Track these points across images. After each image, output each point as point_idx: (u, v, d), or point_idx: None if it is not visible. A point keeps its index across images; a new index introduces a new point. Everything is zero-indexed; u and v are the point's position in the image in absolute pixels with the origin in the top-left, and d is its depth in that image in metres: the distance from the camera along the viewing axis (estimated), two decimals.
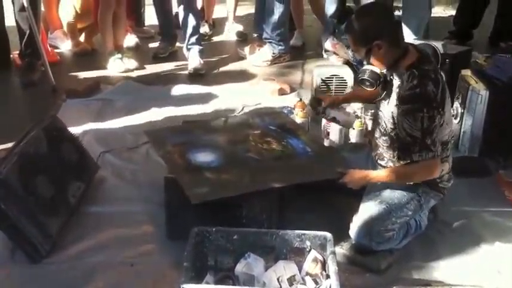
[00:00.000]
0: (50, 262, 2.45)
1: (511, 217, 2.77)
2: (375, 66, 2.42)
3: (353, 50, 2.48)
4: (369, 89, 2.49)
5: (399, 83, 2.38)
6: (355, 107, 3.33)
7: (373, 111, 2.96)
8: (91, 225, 2.70)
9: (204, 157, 2.70)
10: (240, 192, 2.41)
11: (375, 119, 2.64)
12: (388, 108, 2.45)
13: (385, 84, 2.47)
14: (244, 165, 2.63)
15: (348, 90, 3.56)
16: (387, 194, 2.46)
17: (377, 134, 2.57)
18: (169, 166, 2.66)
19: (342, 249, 2.46)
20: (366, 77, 2.43)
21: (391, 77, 2.43)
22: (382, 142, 2.53)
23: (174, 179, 2.52)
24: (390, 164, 2.52)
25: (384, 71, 2.43)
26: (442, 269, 2.40)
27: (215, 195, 2.39)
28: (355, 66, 2.54)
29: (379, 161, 2.59)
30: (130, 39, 5.22)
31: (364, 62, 2.49)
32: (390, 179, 2.45)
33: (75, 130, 3.26)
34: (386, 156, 2.54)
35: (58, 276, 2.37)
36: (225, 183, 2.50)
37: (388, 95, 2.46)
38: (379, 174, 2.50)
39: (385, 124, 2.48)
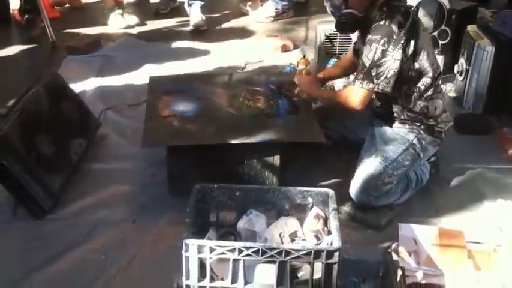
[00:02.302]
0: (52, 218, 2.47)
1: None
2: (352, 10, 2.43)
3: None
4: (349, 33, 2.54)
5: (374, 22, 2.39)
6: None
7: None
8: (93, 182, 2.71)
9: (183, 106, 2.73)
10: (190, 142, 2.48)
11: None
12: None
13: (364, 31, 2.46)
14: (215, 119, 2.64)
15: (352, 46, 3.50)
16: (382, 147, 2.46)
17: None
18: (146, 112, 2.71)
19: (344, 206, 2.47)
20: (344, 19, 2.45)
21: (370, 20, 2.42)
22: None
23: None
24: (385, 109, 2.53)
25: (361, 14, 2.44)
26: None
27: (165, 143, 2.52)
28: (331, 12, 2.57)
29: (376, 109, 2.58)
30: None
31: (342, 8, 2.52)
32: (326, 96, 2.72)
33: (76, 87, 3.25)
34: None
35: (60, 232, 2.39)
36: (184, 133, 2.54)
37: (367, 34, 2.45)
38: (322, 91, 2.79)
39: None
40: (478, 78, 3.24)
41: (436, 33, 3.63)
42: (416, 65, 2.39)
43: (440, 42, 3.63)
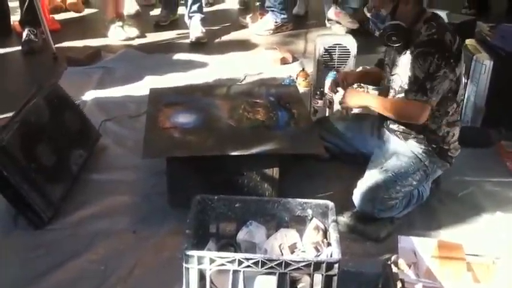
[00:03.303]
0: (52, 229, 2.46)
1: None
2: (399, 21, 2.41)
3: (377, 6, 2.46)
4: (395, 44, 2.46)
5: (417, 35, 2.39)
6: None
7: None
8: (93, 192, 2.72)
9: (184, 118, 2.75)
10: (190, 154, 2.48)
11: (387, 87, 2.62)
12: (406, 61, 2.44)
13: (406, 44, 2.45)
14: (215, 130, 2.66)
15: (351, 59, 3.53)
16: (393, 162, 2.46)
17: (391, 95, 2.58)
18: (146, 123, 2.73)
19: (343, 218, 2.47)
20: (393, 32, 2.42)
21: (414, 33, 2.42)
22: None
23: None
24: (402, 127, 2.53)
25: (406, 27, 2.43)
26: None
27: (165, 154, 2.53)
28: (372, 22, 2.50)
29: (391, 126, 2.58)
30: (131, 7, 5.16)
31: (388, 18, 2.46)
32: (381, 105, 2.51)
33: (76, 98, 3.26)
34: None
35: (60, 243, 2.39)
36: (185, 144, 2.55)
37: (406, 48, 2.45)
38: (373, 99, 2.59)
39: (401, 81, 2.48)
40: (476, 91, 3.26)
41: None
42: (454, 87, 2.39)
43: None
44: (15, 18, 4.67)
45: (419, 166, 2.46)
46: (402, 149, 2.51)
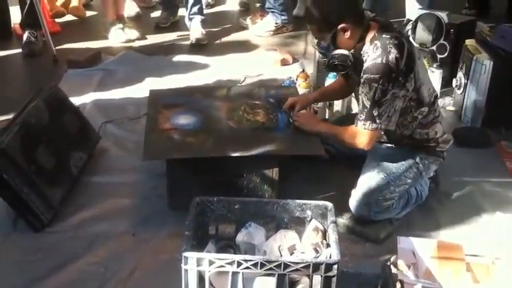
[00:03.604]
0: (51, 231, 2.47)
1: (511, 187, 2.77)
2: (342, 50, 2.38)
3: (317, 38, 2.44)
4: (341, 72, 2.51)
5: (366, 58, 2.35)
6: None
7: None
8: (93, 195, 2.72)
9: (183, 120, 2.74)
10: (190, 155, 2.48)
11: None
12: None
13: (355, 66, 2.42)
14: (214, 132, 2.66)
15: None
16: (385, 163, 2.47)
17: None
18: (146, 125, 2.73)
19: (342, 219, 2.47)
20: (337, 62, 2.39)
21: (361, 55, 2.39)
22: None
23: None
24: (384, 137, 2.54)
25: (352, 51, 2.39)
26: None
27: (166, 156, 2.53)
28: (321, 53, 2.54)
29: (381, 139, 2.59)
30: (131, 9, 5.16)
31: (331, 48, 2.41)
32: (331, 133, 2.57)
33: (76, 100, 3.25)
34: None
35: (60, 245, 2.39)
36: (185, 146, 2.55)
37: (361, 69, 2.40)
38: (325, 126, 2.65)
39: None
40: (476, 92, 3.26)
41: (434, 48, 3.66)
42: (414, 96, 2.37)
43: (439, 56, 3.65)
44: (15, 20, 4.67)
45: (411, 163, 2.46)
46: (392, 150, 2.52)
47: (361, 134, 2.38)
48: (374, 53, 2.30)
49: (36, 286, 2.17)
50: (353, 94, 2.79)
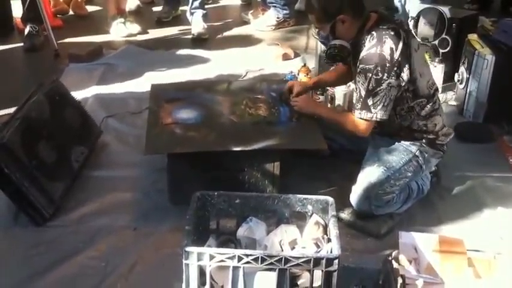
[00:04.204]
0: (53, 226, 2.47)
1: None
2: (341, 40, 2.42)
3: (317, 27, 2.49)
4: (340, 62, 2.52)
5: (363, 48, 2.37)
6: None
7: None
8: (94, 189, 2.72)
9: (186, 114, 2.74)
10: (192, 150, 2.49)
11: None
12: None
13: (354, 56, 2.44)
14: (216, 126, 2.66)
15: None
16: (385, 157, 2.46)
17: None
18: (148, 119, 2.73)
19: (344, 214, 2.47)
20: (335, 52, 2.43)
21: (360, 45, 2.40)
22: None
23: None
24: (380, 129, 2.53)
25: (350, 42, 2.42)
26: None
27: (168, 150, 2.52)
28: (321, 42, 2.55)
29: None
30: (131, 3, 5.15)
31: (330, 37, 2.47)
32: (330, 117, 2.63)
33: (77, 95, 3.26)
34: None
35: (61, 239, 2.39)
36: (187, 140, 2.55)
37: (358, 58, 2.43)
38: (324, 109, 2.71)
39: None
40: (478, 86, 3.25)
41: (436, 42, 3.65)
42: (411, 87, 2.38)
43: (441, 50, 3.64)
44: (17, 14, 4.66)
45: (410, 157, 2.46)
46: (391, 144, 2.51)
47: (358, 123, 2.41)
48: (369, 43, 2.33)
49: (37, 280, 2.18)
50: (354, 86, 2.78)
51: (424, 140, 2.48)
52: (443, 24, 3.61)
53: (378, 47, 2.29)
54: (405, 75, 2.32)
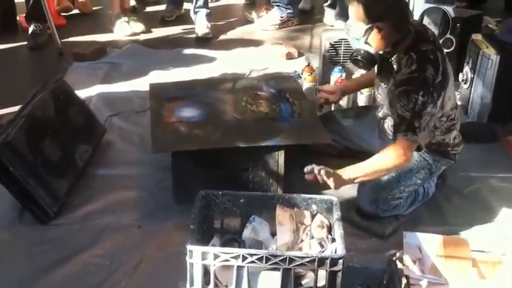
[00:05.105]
0: (57, 224, 2.47)
1: None
2: (370, 48, 2.29)
3: (351, 23, 2.31)
4: (362, 69, 2.45)
5: (397, 67, 2.30)
6: None
7: None
8: (99, 187, 2.72)
9: (188, 112, 2.74)
10: (199, 147, 2.48)
11: (375, 99, 2.61)
12: (387, 93, 2.41)
13: (381, 67, 2.40)
14: (221, 123, 2.66)
15: None
16: None
17: (380, 114, 2.56)
18: (151, 118, 2.73)
19: (348, 214, 2.46)
20: (359, 57, 2.32)
21: (390, 60, 2.35)
22: (386, 120, 2.53)
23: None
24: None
25: (380, 52, 2.34)
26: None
27: (175, 148, 2.52)
28: (350, 40, 2.43)
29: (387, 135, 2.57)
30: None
31: (361, 39, 2.31)
32: (366, 173, 2.27)
33: (82, 93, 3.25)
34: (388, 133, 2.53)
35: (66, 237, 2.40)
36: (192, 138, 2.55)
37: (387, 79, 2.39)
38: (357, 172, 2.27)
39: (384, 110, 2.47)
40: (482, 86, 3.24)
41: (440, 42, 3.64)
42: (439, 114, 2.32)
43: (445, 50, 3.62)
44: (21, 13, 4.66)
45: (423, 165, 2.44)
46: None
47: (401, 147, 2.25)
48: (409, 66, 2.23)
49: (42, 278, 2.18)
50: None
51: (438, 151, 2.46)
52: (448, 23, 3.60)
53: (421, 71, 2.20)
54: (439, 103, 2.26)
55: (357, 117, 2.90)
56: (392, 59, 2.34)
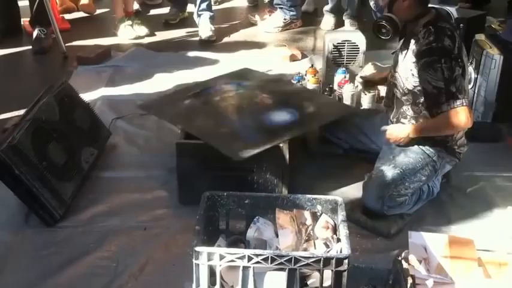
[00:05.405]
0: (63, 226, 2.49)
1: None
2: (395, 16, 2.41)
3: None
4: (383, 37, 2.47)
5: (415, 39, 2.37)
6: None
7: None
8: (104, 190, 2.73)
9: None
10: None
11: (391, 82, 2.61)
12: (404, 66, 2.44)
13: (401, 39, 2.45)
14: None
15: (360, 55, 3.52)
16: (401, 158, 2.45)
17: (398, 95, 2.56)
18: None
19: (353, 214, 2.47)
20: (383, 22, 2.41)
21: (410, 31, 2.41)
22: (404, 101, 2.52)
23: (185, 145, 2.56)
24: (413, 121, 2.51)
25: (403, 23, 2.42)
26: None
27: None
28: (374, 12, 2.50)
29: (402, 120, 2.56)
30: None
31: (386, 10, 2.46)
32: (423, 130, 2.43)
33: (86, 97, 3.27)
34: (409, 114, 2.52)
35: (72, 240, 2.41)
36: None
37: (406, 48, 2.44)
38: (413, 128, 2.45)
39: (403, 83, 2.46)
40: (486, 86, 3.24)
41: None
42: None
43: None
44: (25, 17, 4.68)
45: (428, 161, 2.45)
46: (410, 145, 2.50)
47: (455, 114, 2.30)
48: (427, 37, 2.32)
49: (48, 281, 2.19)
50: None
51: (444, 147, 2.47)
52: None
53: (438, 41, 2.29)
54: (465, 65, 2.34)
55: (362, 118, 2.90)
56: (412, 31, 2.40)
